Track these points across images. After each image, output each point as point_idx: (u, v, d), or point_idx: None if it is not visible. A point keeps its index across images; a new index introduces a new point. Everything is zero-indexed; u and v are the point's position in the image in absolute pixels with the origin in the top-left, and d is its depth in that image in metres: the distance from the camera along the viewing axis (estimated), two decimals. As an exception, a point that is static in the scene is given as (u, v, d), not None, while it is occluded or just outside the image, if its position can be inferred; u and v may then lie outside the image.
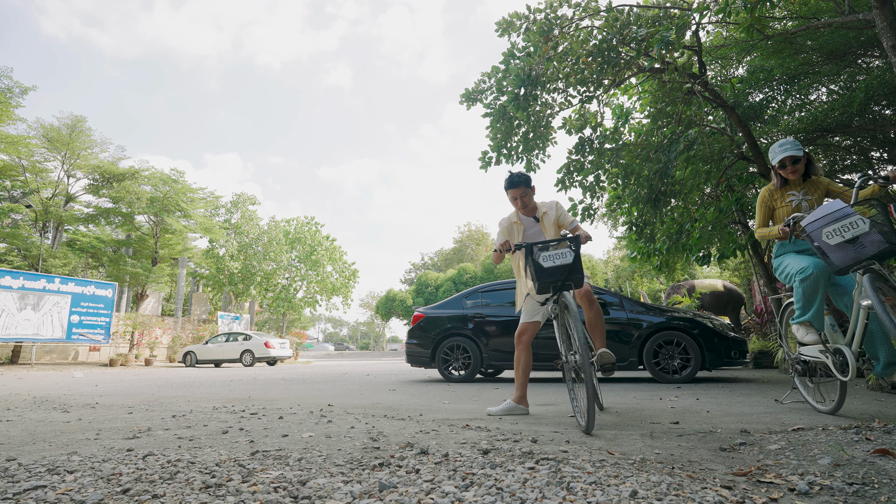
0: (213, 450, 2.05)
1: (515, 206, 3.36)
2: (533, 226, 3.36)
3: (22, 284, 14.60)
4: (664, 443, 2.13)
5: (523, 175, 3.28)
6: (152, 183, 21.48)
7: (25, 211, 19.19)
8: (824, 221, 2.39)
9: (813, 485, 1.43)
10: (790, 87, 7.87)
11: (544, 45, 6.00)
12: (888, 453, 1.76)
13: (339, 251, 30.70)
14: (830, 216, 2.38)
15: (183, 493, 1.42)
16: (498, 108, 6.61)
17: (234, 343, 16.59)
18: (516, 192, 3.26)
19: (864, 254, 2.25)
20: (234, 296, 27.11)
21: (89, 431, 2.64)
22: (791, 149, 2.85)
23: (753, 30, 5.22)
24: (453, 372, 6.75)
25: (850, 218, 2.32)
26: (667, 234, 7.53)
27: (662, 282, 23.20)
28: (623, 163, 7.25)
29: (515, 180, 3.25)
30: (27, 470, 1.70)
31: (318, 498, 1.37)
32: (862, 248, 2.26)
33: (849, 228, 2.30)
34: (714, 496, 1.30)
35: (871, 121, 7.44)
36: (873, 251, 2.23)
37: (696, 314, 6.16)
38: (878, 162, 9.35)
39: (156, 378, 8.53)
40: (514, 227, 3.38)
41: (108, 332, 16.90)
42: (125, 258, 21.64)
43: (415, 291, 33.13)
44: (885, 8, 4.44)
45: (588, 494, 1.34)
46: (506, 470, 1.62)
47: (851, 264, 2.30)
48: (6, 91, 16.39)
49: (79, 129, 19.66)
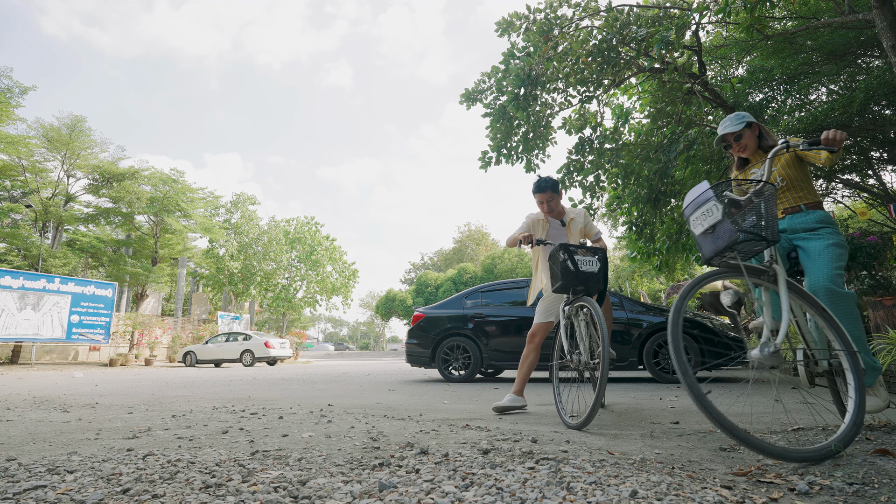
0: (213, 450, 2.05)
1: (542, 210, 3.46)
2: (559, 228, 3.46)
3: (22, 284, 14.60)
4: (664, 443, 2.13)
5: (551, 180, 3.37)
6: (152, 183, 21.48)
7: (25, 211, 19.19)
8: (692, 208, 2.09)
9: (813, 485, 1.42)
10: (790, 87, 7.87)
11: (544, 45, 6.00)
12: (888, 453, 1.76)
13: (338, 251, 30.72)
14: (694, 202, 2.07)
15: (183, 493, 1.42)
16: (498, 108, 6.61)
17: (234, 343, 16.59)
18: (543, 197, 3.37)
19: (719, 245, 1.94)
20: (234, 296, 27.12)
21: (89, 431, 2.64)
22: (730, 125, 2.52)
23: (753, 30, 5.22)
24: (453, 372, 6.75)
25: (706, 204, 2.00)
26: (667, 234, 7.54)
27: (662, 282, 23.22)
28: (623, 163, 7.25)
29: (543, 185, 3.35)
30: (27, 470, 1.70)
31: (318, 498, 1.37)
32: (717, 239, 1.95)
33: (706, 216, 1.99)
34: (714, 496, 1.30)
35: (871, 121, 7.44)
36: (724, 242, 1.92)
37: (696, 314, 6.16)
38: (878, 162, 9.35)
39: (156, 378, 8.53)
40: (539, 223, 3.48)
41: (108, 332, 16.90)
42: (125, 258, 21.64)
43: (415, 291, 33.13)
44: (885, 8, 4.44)
45: (588, 494, 1.34)
46: (506, 470, 1.62)
47: (712, 256, 2.00)
48: (6, 91, 16.39)
49: (79, 129, 19.66)
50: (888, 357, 4.02)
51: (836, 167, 9.78)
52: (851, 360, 1.83)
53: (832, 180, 10.44)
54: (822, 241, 2.27)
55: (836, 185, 11.14)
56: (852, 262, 5.94)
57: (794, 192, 2.41)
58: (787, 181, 2.42)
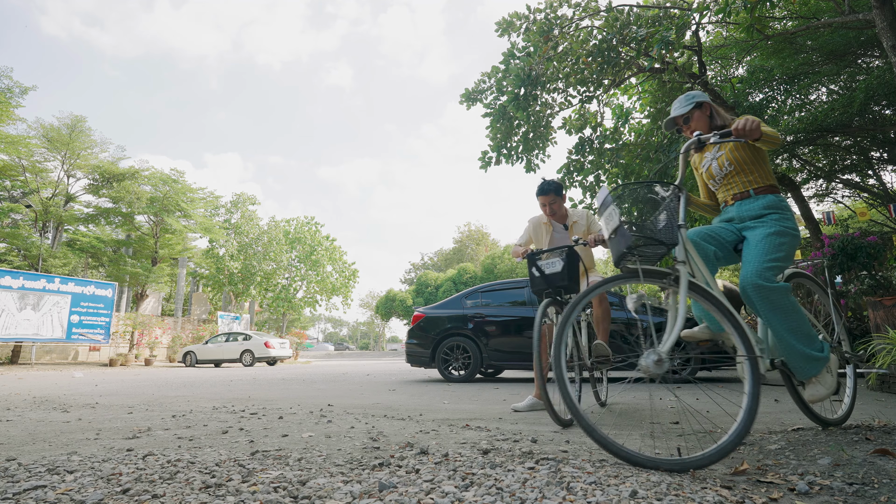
0: (213, 450, 2.05)
1: (544, 213, 3.48)
2: (562, 232, 3.50)
3: (22, 284, 14.60)
4: (664, 443, 2.13)
5: (554, 183, 3.39)
6: (152, 183, 21.48)
7: (25, 211, 19.19)
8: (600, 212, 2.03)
9: (813, 485, 1.42)
10: (790, 87, 7.88)
11: (544, 45, 6.00)
12: (888, 453, 1.76)
13: (338, 251, 30.72)
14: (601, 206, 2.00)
15: (183, 493, 1.42)
16: (498, 108, 6.61)
17: (233, 343, 16.60)
18: (545, 199, 3.39)
19: (620, 249, 1.90)
20: (234, 296, 27.11)
21: (89, 431, 2.64)
22: (678, 108, 2.35)
23: (753, 30, 5.22)
24: (453, 372, 6.75)
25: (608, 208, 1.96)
26: (667, 234, 7.53)
27: (662, 282, 23.16)
28: (623, 163, 7.25)
29: (545, 188, 3.38)
30: (27, 470, 1.70)
31: (318, 498, 1.37)
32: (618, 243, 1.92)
33: (609, 220, 1.95)
34: (714, 496, 1.30)
35: (871, 121, 7.44)
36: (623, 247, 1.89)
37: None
38: (878, 162, 9.35)
39: (156, 378, 8.53)
40: (543, 227, 3.52)
41: (107, 332, 16.90)
42: (125, 258, 21.64)
43: (415, 291, 33.14)
44: (885, 8, 4.44)
45: (588, 494, 1.34)
46: (506, 470, 1.62)
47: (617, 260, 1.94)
48: (6, 91, 16.39)
49: (79, 129, 19.67)
50: (888, 357, 4.02)
51: (835, 167, 9.77)
52: (750, 366, 1.73)
53: (832, 180, 10.44)
54: (763, 228, 2.09)
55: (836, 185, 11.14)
56: (852, 262, 5.94)
57: (744, 177, 2.20)
58: (735, 165, 2.22)
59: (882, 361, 4.09)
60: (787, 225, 2.08)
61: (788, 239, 2.06)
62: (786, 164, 9.30)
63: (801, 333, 1.99)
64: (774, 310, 1.98)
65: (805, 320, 2.01)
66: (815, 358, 2.01)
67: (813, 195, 11.42)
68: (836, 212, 11.84)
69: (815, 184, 10.84)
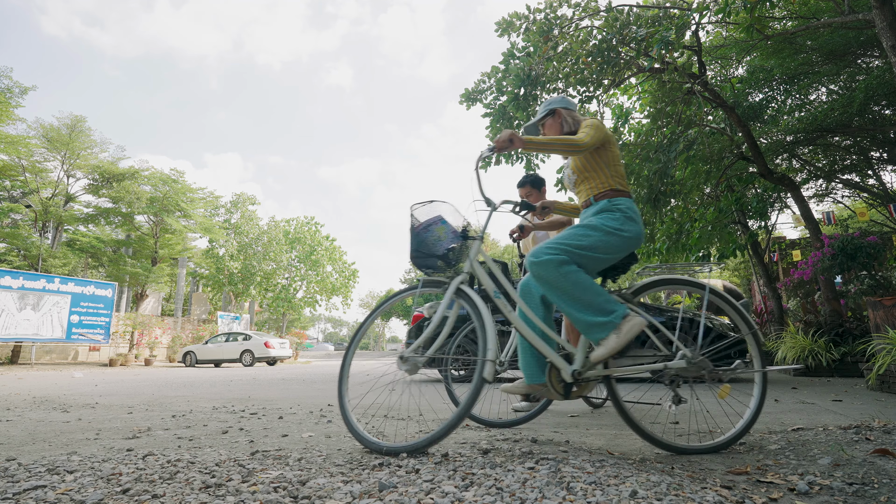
0: (213, 450, 2.05)
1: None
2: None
3: (22, 284, 14.59)
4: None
5: (531, 176, 3.51)
6: (152, 183, 21.47)
7: (25, 211, 19.18)
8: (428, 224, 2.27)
9: (813, 485, 1.42)
10: (790, 87, 7.88)
11: (544, 45, 6.00)
12: (888, 453, 1.76)
13: (338, 251, 30.72)
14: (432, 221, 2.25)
15: (183, 493, 1.42)
16: (498, 108, 6.61)
17: (233, 343, 16.59)
18: (521, 192, 3.49)
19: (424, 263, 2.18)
20: (234, 296, 27.11)
21: (89, 431, 2.64)
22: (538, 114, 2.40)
23: (753, 30, 5.23)
24: (453, 372, 6.75)
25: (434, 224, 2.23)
26: (667, 234, 7.54)
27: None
28: (623, 162, 7.26)
29: (522, 180, 3.50)
30: (27, 470, 1.70)
31: (317, 498, 1.37)
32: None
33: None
34: (714, 496, 1.30)
35: (871, 121, 7.44)
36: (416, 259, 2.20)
37: (696, 314, 6.16)
38: (878, 162, 9.35)
39: (156, 378, 8.53)
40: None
41: (107, 332, 16.89)
42: (125, 258, 21.63)
43: (415, 291, 33.06)
44: (885, 8, 4.45)
45: (588, 494, 1.34)
46: (506, 470, 1.62)
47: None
48: (6, 91, 16.38)
49: (79, 129, 19.66)
50: (888, 357, 4.02)
51: (835, 167, 9.77)
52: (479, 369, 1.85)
53: (832, 180, 10.44)
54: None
55: (835, 185, 11.13)
56: (852, 262, 5.94)
57: (588, 184, 2.15)
58: (579, 174, 2.18)
59: (882, 361, 4.09)
60: (605, 222, 1.99)
61: (600, 234, 1.96)
62: (786, 164, 9.31)
63: (579, 302, 1.89)
64: (545, 284, 1.93)
65: (586, 289, 1.89)
66: (597, 323, 1.89)
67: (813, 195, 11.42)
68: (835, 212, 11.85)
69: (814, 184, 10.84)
